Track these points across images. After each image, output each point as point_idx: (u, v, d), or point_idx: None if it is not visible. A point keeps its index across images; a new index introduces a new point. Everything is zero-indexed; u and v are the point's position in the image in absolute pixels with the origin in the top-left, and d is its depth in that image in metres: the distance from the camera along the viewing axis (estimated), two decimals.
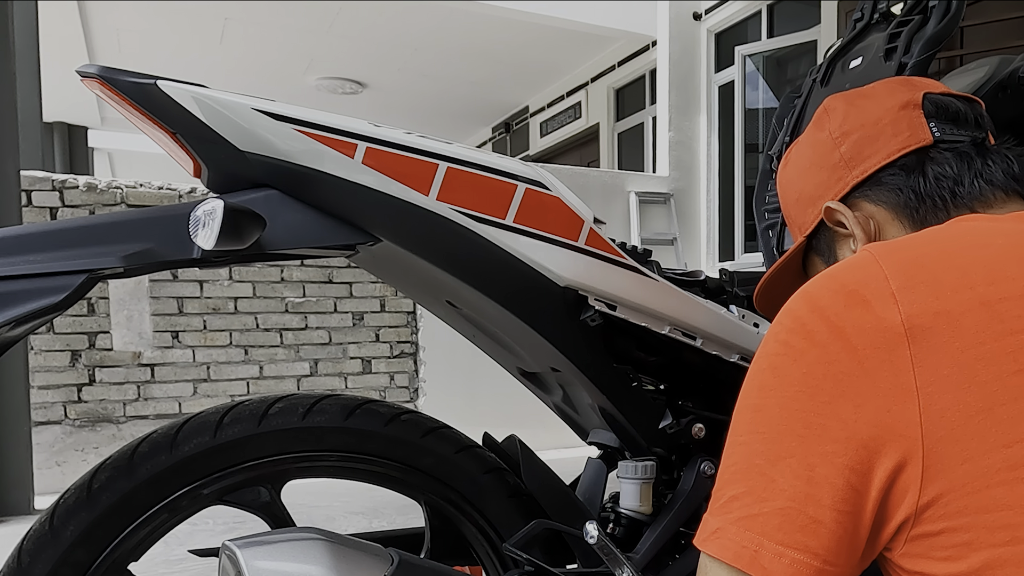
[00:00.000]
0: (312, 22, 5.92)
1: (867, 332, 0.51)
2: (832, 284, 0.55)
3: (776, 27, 5.08)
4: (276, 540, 0.78)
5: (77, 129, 8.22)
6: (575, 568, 0.98)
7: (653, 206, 4.79)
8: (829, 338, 0.52)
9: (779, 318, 0.57)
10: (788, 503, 0.51)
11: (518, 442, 1.02)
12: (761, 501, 0.52)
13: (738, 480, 0.54)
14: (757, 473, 0.53)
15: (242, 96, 0.76)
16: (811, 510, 0.50)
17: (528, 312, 0.88)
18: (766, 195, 1.41)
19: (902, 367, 0.50)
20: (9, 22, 2.74)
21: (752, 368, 0.58)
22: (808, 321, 0.54)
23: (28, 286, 0.66)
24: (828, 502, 0.50)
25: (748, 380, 0.57)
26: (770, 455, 0.53)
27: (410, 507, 1.03)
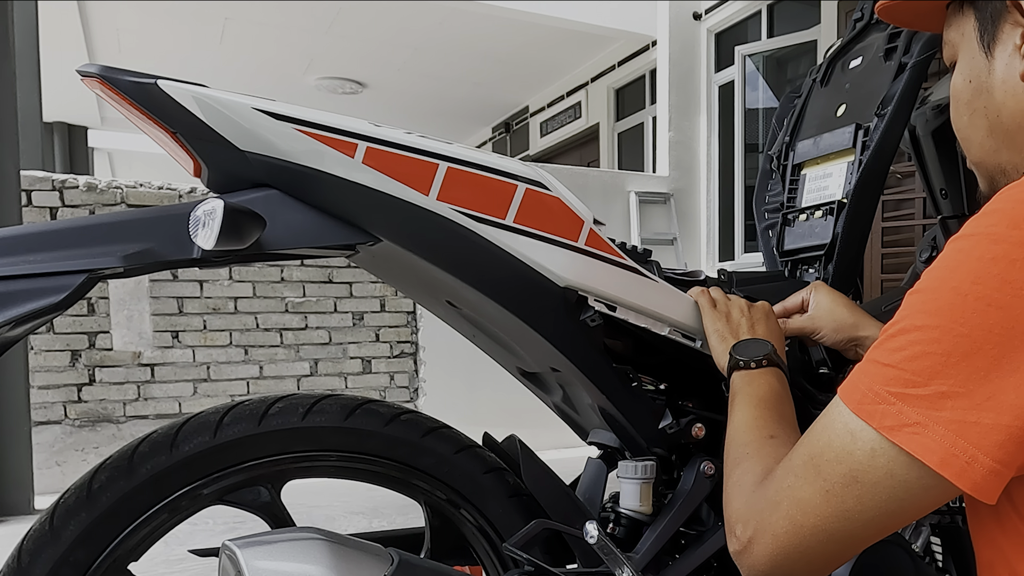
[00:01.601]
0: (312, 22, 5.92)
1: None
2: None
3: (776, 27, 5.08)
4: (276, 540, 0.78)
5: (77, 129, 8.22)
6: (575, 568, 0.98)
7: (653, 206, 4.79)
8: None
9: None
10: (1015, 422, 0.47)
11: (518, 442, 1.02)
12: (980, 409, 0.48)
13: (951, 374, 0.49)
14: (980, 376, 0.48)
15: (242, 96, 0.76)
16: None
17: (528, 312, 0.88)
18: (766, 195, 1.41)
19: None
20: (9, 22, 2.74)
21: (987, 249, 0.50)
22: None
23: (28, 286, 0.65)
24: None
25: (980, 262, 0.50)
26: (1001, 361, 0.48)
27: (410, 507, 1.03)
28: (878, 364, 0.53)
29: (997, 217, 0.51)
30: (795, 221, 1.29)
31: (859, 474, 0.52)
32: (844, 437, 0.53)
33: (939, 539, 1.19)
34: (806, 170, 1.30)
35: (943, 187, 1.38)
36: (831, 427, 0.54)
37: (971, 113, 0.67)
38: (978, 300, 0.49)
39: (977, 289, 0.49)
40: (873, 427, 0.51)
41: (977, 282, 0.49)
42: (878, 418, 0.51)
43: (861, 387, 0.53)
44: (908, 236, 3.77)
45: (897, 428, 0.50)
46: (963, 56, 0.67)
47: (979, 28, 0.65)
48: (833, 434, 0.54)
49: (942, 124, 1.35)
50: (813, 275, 1.24)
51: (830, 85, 1.34)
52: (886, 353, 0.53)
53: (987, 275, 0.49)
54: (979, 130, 0.66)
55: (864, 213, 1.18)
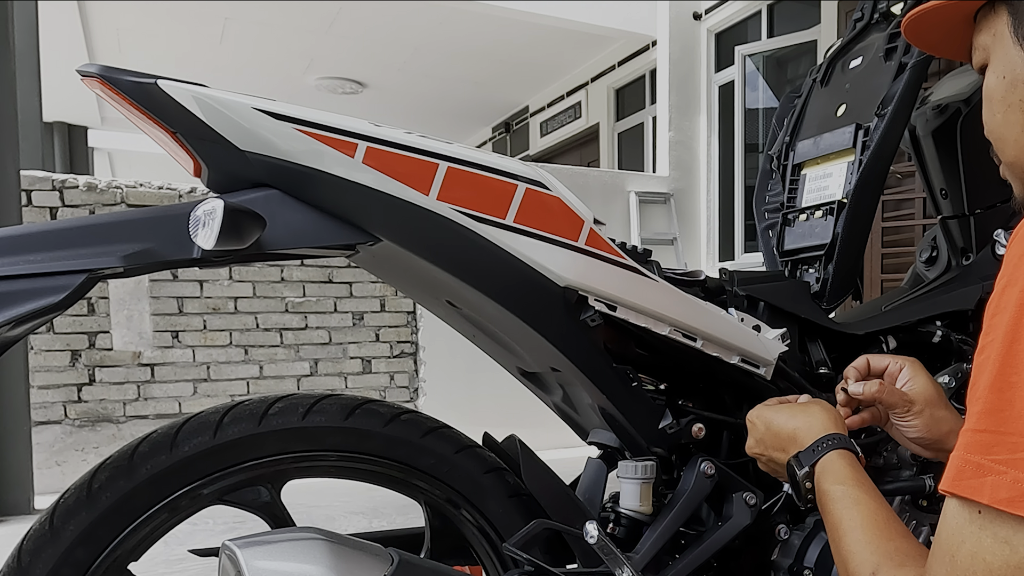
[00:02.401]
0: (312, 22, 5.92)
1: None
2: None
3: (776, 27, 5.08)
4: (276, 540, 0.78)
5: (77, 129, 8.22)
6: (575, 568, 0.98)
7: (653, 206, 4.78)
8: None
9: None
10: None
11: (518, 442, 1.02)
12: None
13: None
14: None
15: (242, 95, 0.76)
16: None
17: (528, 312, 0.88)
18: (766, 195, 1.41)
19: None
20: (9, 22, 2.73)
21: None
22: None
23: (28, 286, 0.65)
24: None
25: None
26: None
27: (410, 507, 1.03)
28: (976, 433, 0.47)
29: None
30: (795, 221, 1.29)
31: None
32: (1001, 551, 0.44)
33: None
34: (806, 170, 1.30)
35: (943, 187, 1.38)
36: (981, 548, 0.45)
37: (1006, 109, 0.65)
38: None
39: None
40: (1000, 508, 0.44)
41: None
42: (988, 492, 0.44)
43: (971, 470, 0.46)
44: (908, 236, 3.77)
45: (1017, 499, 0.43)
46: (996, 55, 0.66)
47: (1013, 23, 0.64)
48: (988, 555, 0.45)
49: (942, 124, 1.35)
50: (813, 275, 1.24)
51: (830, 85, 1.34)
52: (979, 419, 0.47)
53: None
54: (1014, 126, 0.65)
55: (864, 213, 1.18)
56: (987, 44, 0.67)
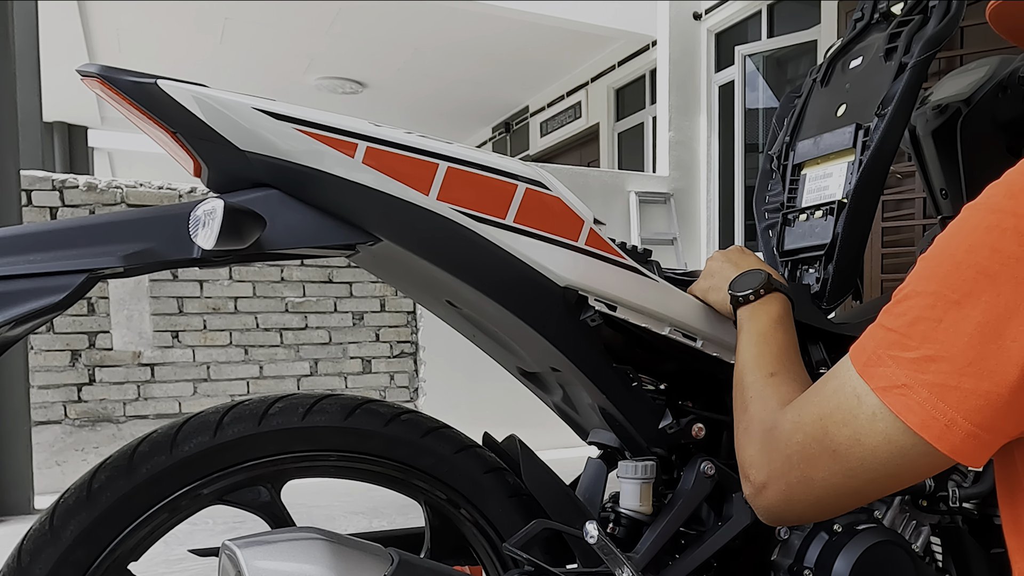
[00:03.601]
0: (312, 22, 5.92)
1: None
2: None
3: (776, 27, 5.08)
4: (276, 540, 0.78)
5: (77, 129, 8.22)
6: (575, 568, 0.98)
7: (653, 206, 4.79)
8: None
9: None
10: (994, 388, 0.48)
11: (518, 442, 1.02)
12: (962, 375, 0.49)
13: (938, 339, 0.50)
14: (966, 342, 0.49)
15: (242, 95, 0.76)
16: (1019, 397, 0.48)
17: (528, 312, 0.88)
18: (766, 195, 1.41)
19: None
20: (9, 22, 2.74)
21: (985, 219, 0.51)
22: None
23: (28, 286, 0.65)
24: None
25: (977, 231, 0.51)
26: (988, 330, 0.48)
27: (410, 507, 1.03)
28: (883, 328, 0.55)
29: (999, 188, 0.52)
30: (795, 221, 1.29)
31: (862, 437, 0.54)
32: (851, 400, 0.55)
33: (939, 539, 1.19)
34: (806, 170, 1.30)
35: (943, 187, 1.38)
36: (841, 390, 0.56)
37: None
38: (970, 268, 0.50)
39: (970, 257, 0.51)
40: (872, 389, 0.53)
41: (971, 250, 0.51)
42: (876, 379, 0.53)
43: (867, 350, 0.55)
44: (908, 236, 3.77)
45: (888, 389, 0.52)
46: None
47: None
48: (842, 397, 0.56)
49: (942, 124, 1.34)
50: (813, 275, 1.24)
51: (830, 85, 1.33)
52: (890, 317, 0.55)
53: (980, 244, 0.51)
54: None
55: (864, 213, 1.18)
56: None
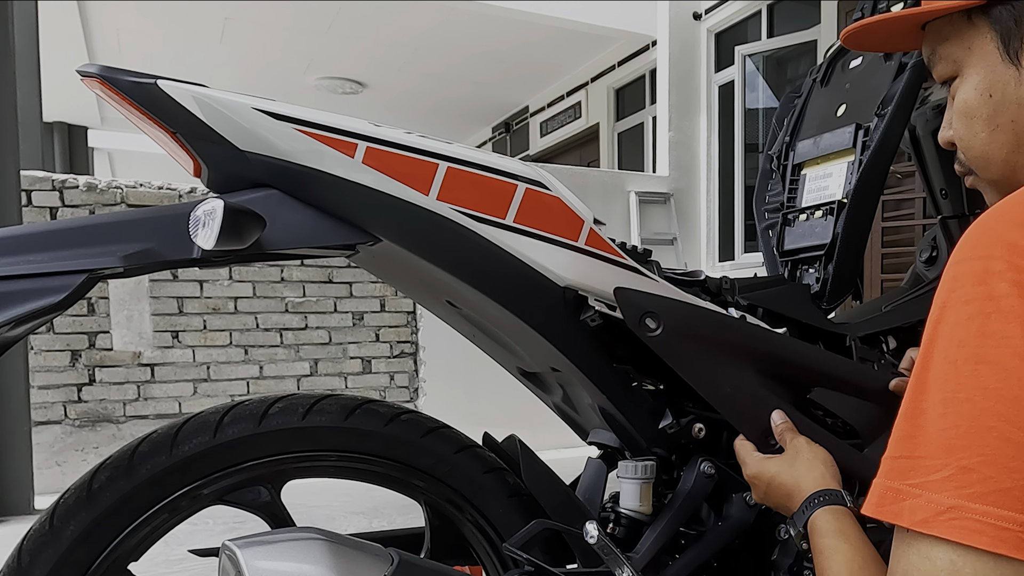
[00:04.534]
0: (312, 22, 5.92)
1: None
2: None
3: (776, 27, 5.08)
4: (276, 540, 0.78)
5: (77, 129, 8.22)
6: (575, 568, 0.98)
7: (653, 206, 4.79)
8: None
9: (996, 252, 0.49)
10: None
11: (518, 442, 1.02)
12: (1012, 472, 0.44)
13: (968, 447, 0.46)
14: (997, 438, 0.45)
15: (242, 96, 0.76)
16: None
17: (528, 312, 0.88)
18: (766, 195, 1.41)
19: None
20: (9, 22, 2.74)
21: (961, 311, 0.49)
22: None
23: (28, 286, 0.65)
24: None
25: (958, 326, 0.49)
26: (1014, 416, 0.45)
27: (410, 507, 1.03)
28: (897, 460, 0.50)
29: (962, 281, 0.50)
30: (795, 221, 1.29)
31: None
32: (923, 566, 0.47)
33: None
34: (806, 170, 1.30)
35: (943, 187, 1.38)
36: (910, 567, 0.48)
37: (992, 129, 0.63)
38: (967, 362, 0.48)
39: (964, 352, 0.48)
40: (926, 534, 0.46)
41: (962, 345, 0.48)
42: (916, 515, 0.47)
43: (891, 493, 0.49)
44: (908, 236, 3.77)
45: (933, 520, 0.46)
46: (975, 70, 0.64)
47: (1001, 38, 0.61)
48: (915, 571, 0.48)
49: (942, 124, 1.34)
50: (813, 275, 1.24)
51: (830, 85, 1.34)
52: (899, 445, 0.50)
53: (968, 335, 0.48)
54: (1003, 147, 0.63)
55: (864, 213, 1.18)
56: (957, 57, 0.65)
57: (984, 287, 0.49)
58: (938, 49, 0.67)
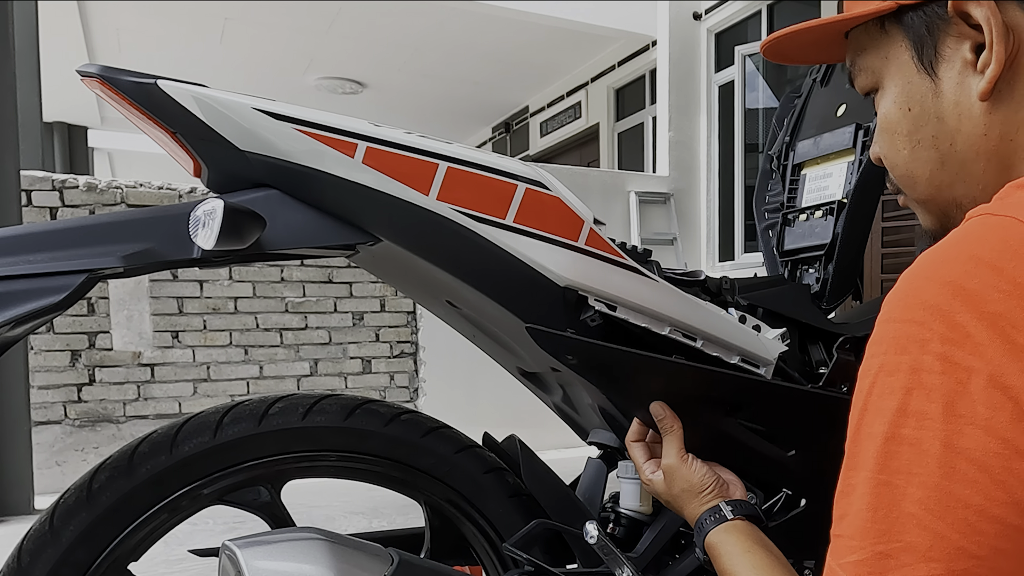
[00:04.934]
0: (312, 22, 5.92)
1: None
2: (1002, 283, 0.44)
3: (776, 27, 5.08)
4: (276, 540, 0.78)
5: (77, 129, 8.22)
6: (575, 568, 0.98)
7: (653, 206, 4.79)
8: (1005, 353, 0.42)
9: (921, 317, 0.45)
10: (969, 563, 0.42)
11: (518, 442, 1.02)
12: (929, 561, 0.43)
13: (884, 529, 0.44)
14: (917, 526, 0.43)
15: (242, 96, 0.76)
16: (999, 563, 0.43)
17: (528, 312, 0.88)
18: (766, 195, 1.41)
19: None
20: (9, 22, 2.74)
21: (886, 383, 0.46)
22: (975, 332, 0.43)
23: (28, 286, 0.66)
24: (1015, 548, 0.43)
25: (882, 398, 0.46)
26: (933, 505, 0.43)
27: (410, 507, 1.03)
28: (833, 536, 0.49)
29: (885, 346, 0.47)
30: (795, 221, 1.29)
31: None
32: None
33: None
34: (806, 170, 1.30)
35: None
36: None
37: (914, 146, 0.59)
38: (887, 441, 0.45)
39: (883, 429, 0.45)
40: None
41: (883, 421, 0.46)
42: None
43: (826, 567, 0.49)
44: (908, 236, 3.77)
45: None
46: (892, 82, 0.60)
47: (915, 47, 0.57)
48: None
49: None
50: (813, 275, 1.24)
51: (830, 85, 1.34)
52: (834, 523, 0.49)
53: (888, 411, 0.45)
54: (927, 163, 0.59)
55: (864, 213, 1.18)
56: (875, 68, 0.61)
57: (907, 357, 0.45)
58: (857, 60, 0.63)
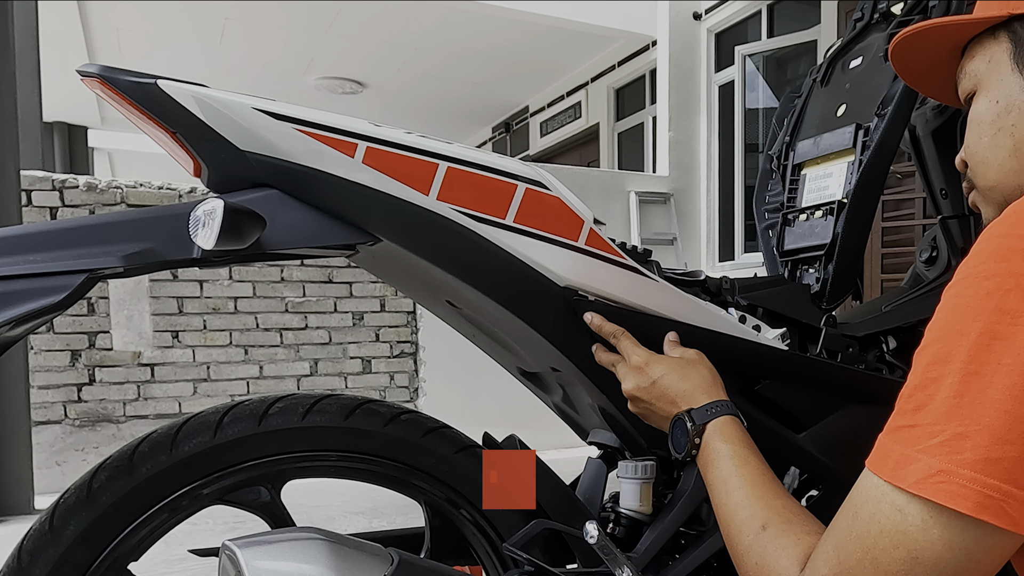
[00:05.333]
0: (312, 22, 5.92)
1: None
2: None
3: (776, 27, 5.08)
4: (276, 540, 0.78)
5: (77, 129, 8.22)
6: (575, 568, 0.98)
7: (653, 206, 4.79)
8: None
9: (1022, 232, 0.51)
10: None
11: (518, 442, 1.02)
12: (1006, 443, 0.46)
13: (964, 414, 0.48)
14: (998, 409, 0.47)
15: (242, 95, 0.76)
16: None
17: (528, 312, 0.88)
18: (766, 195, 1.41)
19: None
20: (9, 22, 2.74)
21: (980, 286, 0.51)
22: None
23: (28, 286, 0.65)
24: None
25: (976, 299, 0.50)
26: (1016, 391, 0.46)
27: (410, 507, 1.03)
28: (899, 429, 0.52)
29: (984, 256, 0.52)
30: (795, 221, 1.29)
31: (920, 553, 0.49)
32: (893, 517, 0.50)
33: None
34: (806, 170, 1.30)
35: (943, 187, 1.38)
36: (878, 512, 0.51)
37: (994, 133, 0.66)
38: (981, 335, 0.49)
39: (978, 325, 0.49)
40: (911, 492, 0.49)
41: (977, 319, 0.50)
42: (909, 478, 0.49)
43: (891, 456, 0.51)
44: (908, 236, 3.77)
45: (924, 482, 0.48)
46: (989, 81, 0.66)
47: (1014, 49, 0.64)
48: (882, 519, 0.51)
49: (942, 124, 1.34)
50: (813, 275, 1.24)
51: (830, 85, 1.34)
52: (904, 416, 0.52)
53: (985, 309, 0.49)
54: (1001, 150, 0.65)
55: (864, 213, 1.18)
56: (979, 71, 0.68)
57: (1006, 264, 0.50)
58: (966, 66, 0.69)
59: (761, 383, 1.01)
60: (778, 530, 0.65)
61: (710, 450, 0.80)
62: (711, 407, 0.83)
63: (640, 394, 0.88)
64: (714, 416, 0.82)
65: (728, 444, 0.79)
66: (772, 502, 0.70)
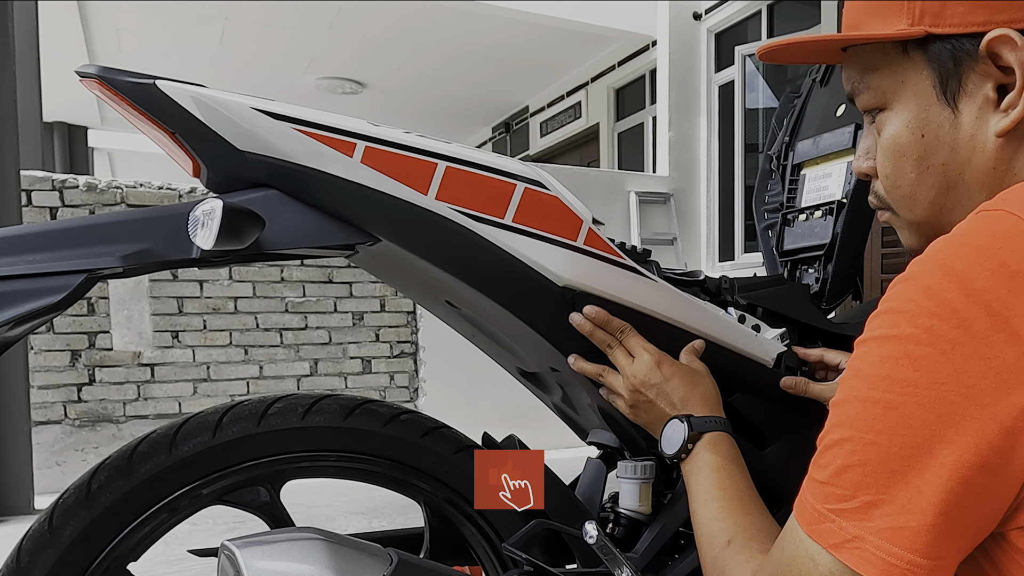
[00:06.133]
0: (312, 22, 5.92)
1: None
2: (988, 263, 0.48)
3: (776, 27, 5.08)
4: (275, 540, 0.78)
5: (77, 129, 8.22)
6: (575, 568, 0.98)
7: (653, 206, 4.79)
8: (990, 328, 0.46)
9: (914, 295, 0.50)
10: (938, 519, 0.48)
11: (518, 442, 1.02)
12: (907, 513, 0.48)
13: (871, 483, 0.50)
14: (899, 480, 0.49)
15: (241, 96, 0.76)
16: (965, 517, 0.48)
17: (527, 312, 0.88)
18: (766, 195, 1.41)
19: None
20: (9, 22, 2.74)
21: (876, 352, 0.51)
22: (961, 307, 0.47)
23: (28, 286, 0.66)
24: (979, 509, 0.48)
25: (872, 366, 0.51)
26: (913, 462, 0.48)
27: (410, 507, 1.03)
28: (815, 482, 0.54)
29: (885, 318, 0.52)
30: (795, 221, 1.29)
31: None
32: (807, 564, 0.53)
33: None
34: (806, 170, 1.30)
35: None
36: (795, 556, 0.54)
37: (923, 170, 0.61)
38: (875, 404, 0.50)
39: (874, 394, 0.50)
40: (824, 548, 0.51)
41: (873, 387, 0.50)
42: (825, 537, 0.51)
43: (808, 507, 0.54)
44: None
45: (841, 545, 0.50)
46: (905, 105, 0.61)
47: (939, 77, 0.58)
48: (799, 563, 0.54)
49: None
50: (813, 275, 1.24)
51: (830, 85, 1.34)
52: (819, 470, 0.54)
53: (878, 378, 0.50)
54: (931, 189, 0.62)
55: (864, 213, 1.18)
56: (886, 88, 0.62)
57: (896, 328, 0.50)
58: (866, 78, 0.63)
59: (735, 394, 1.01)
60: (739, 546, 0.69)
61: (698, 459, 0.82)
62: (709, 420, 0.85)
63: (646, 389, 0.89)
64: (710, 428, 0.84)
65: (717, 456, 0.81)
66: (741, 518, 0.73)
